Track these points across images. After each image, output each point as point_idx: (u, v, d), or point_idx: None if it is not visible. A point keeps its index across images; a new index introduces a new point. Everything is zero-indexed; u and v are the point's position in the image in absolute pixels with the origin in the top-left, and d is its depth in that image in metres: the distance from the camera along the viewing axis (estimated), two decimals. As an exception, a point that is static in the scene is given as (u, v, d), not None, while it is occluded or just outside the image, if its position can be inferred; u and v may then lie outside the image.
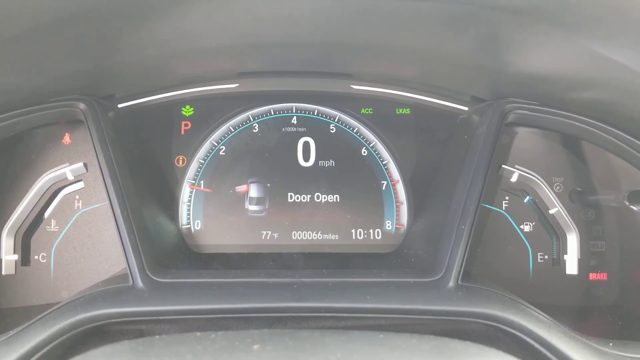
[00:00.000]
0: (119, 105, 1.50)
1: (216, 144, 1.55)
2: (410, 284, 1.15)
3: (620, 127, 1.31)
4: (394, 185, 1.55)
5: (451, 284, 1.14)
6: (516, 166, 1.47)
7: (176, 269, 1.24)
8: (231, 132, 1.56)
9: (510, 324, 1.04)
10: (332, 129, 1.57)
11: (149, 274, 1.15)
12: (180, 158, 1.55)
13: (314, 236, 1.50)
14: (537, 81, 1.27)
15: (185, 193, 1.53)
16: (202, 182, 1.54)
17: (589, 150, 1.46)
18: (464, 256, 1.18)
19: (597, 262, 1.46)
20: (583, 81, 1.18)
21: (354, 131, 1.57)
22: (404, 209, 1.54)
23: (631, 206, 1.35)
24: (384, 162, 1.56)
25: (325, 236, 1.51)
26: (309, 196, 1.53)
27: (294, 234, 1.51)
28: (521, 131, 1.48)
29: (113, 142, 1.33)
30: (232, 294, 1.09)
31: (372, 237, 1.52)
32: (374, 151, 1.56)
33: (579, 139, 1.43)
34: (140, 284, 1.14)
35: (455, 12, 0.99)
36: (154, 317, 1.07)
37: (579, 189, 1.47)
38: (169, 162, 1.55)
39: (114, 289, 1.14)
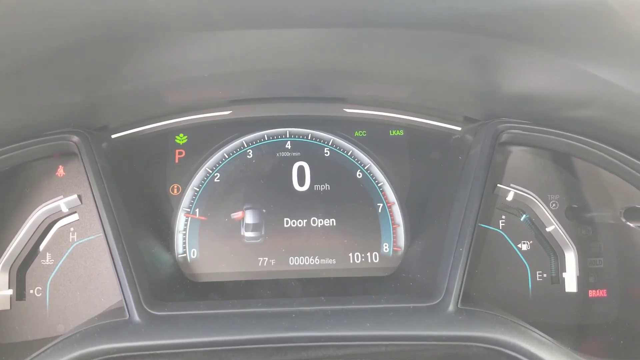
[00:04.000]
0: (113, 136, 1.50)
1: (211, 172, 1.55)
2: (410, 309, 1.15)
3: (613, 144, 1.32)
4: (390, 207, 1.54)
5: (451, 308, 1.14)
6: (511, 185, 1.47)
7: (173, 301, 1.22)
8: (225, 159, 1.56)
9: (512, 347, 1.03)
10: (327, 153, 1.57)
11: (146, 307, 1.14)
12: (175, 186, 1.54)
13: (311, 261, 1.50)
14: (529, 101, 1.27)
15: (181, 222, 1.52)
16: (197, 210, 1.53)
17: (583, 167, 1.46)
18: (462, 279, 1.18)
19: (596, 279, 1.45)
20: (575, 100, 1.19)
21: (349, 154, 1.57)
22: (401, 231, 1.53)
23: (628, 222, 1.35)
24: (379, 185, 1.55)
25: (323, 261, 1.50)
26: (305, 221, 1.52)
27: (291, 259, 1.50)
28: (515, 150, 1.49)
29: (107, 174, 1.32)
30: (230, 326, 1.08)
31: (369, 261, 1.51)
32: (369, 174, 1.56)
33: (572, 156, 1.43)
34: (136, 317, 1.12)
35: (446, 37, 1.00)
36: (152, 352, 1.05)
37: (575, 206, 1.47)
38: (164, 191, 1.54)
39: (111, 323, 1.12)
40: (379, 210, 1.54)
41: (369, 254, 1.51)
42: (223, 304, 1.18)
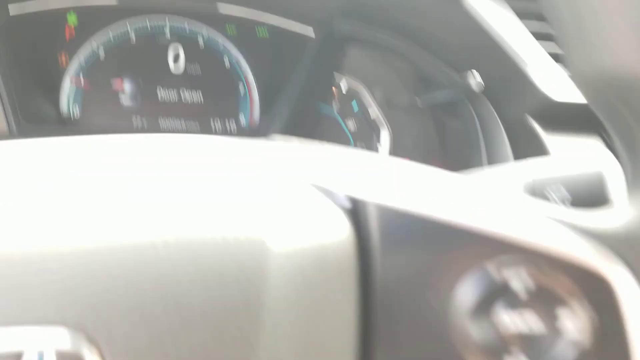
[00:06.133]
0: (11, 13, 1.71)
1: (97, 48, 1.79)
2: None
3: (432, 50, 1.70)
4: (250, 91, 1.87)
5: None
6: (345, 77, 1.83)
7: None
8: (111, 39, 1.81)
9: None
10: (201, 42, 1.86)
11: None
12: (64, 58, 1.78)
13: (179, 125, 1.79)
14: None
15: (66, 86, 1.76)
16: (82, 79, 1.78)
17: (402, 64, 1.84)
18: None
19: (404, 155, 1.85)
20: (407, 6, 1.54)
21: (220, 45, 1.87)
22: (257, 108, 1.86)
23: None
24: (243, 74, 1.87)
25: (188, 124, 1.80)
26: (176, 96, 1.82)
27: (162, 122, 1.79)
28: (352, 46, 1.84)
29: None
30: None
31: (228, 129, 1.82)
32: (236, 64, 1.87)
33: (396, 54, 1.80)
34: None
35: None
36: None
37: (393, 96, 1.86)
38: (54, 62, 1.77)
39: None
40: (242, 93, 1.86)
41: (227, 123, 1.83)
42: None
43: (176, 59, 1.83)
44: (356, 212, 0.56)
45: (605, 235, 0.52)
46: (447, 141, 1.78)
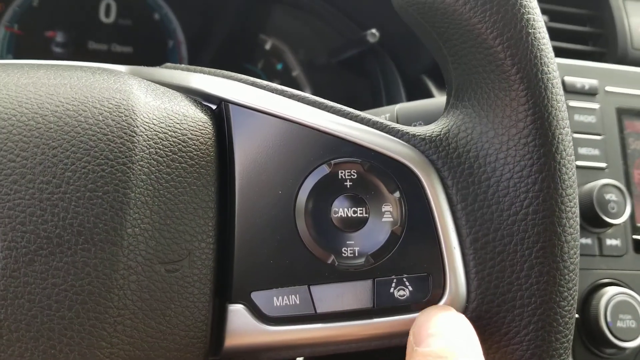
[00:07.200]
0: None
1: (31, -2, 1.86)
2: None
3: (343, 9, 1.79)
4: (178, 45, 1.94)
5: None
6: (272, 39, 1.91)
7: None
8: (44, -13, 1.87)
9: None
10: (132, -5, 1.93)
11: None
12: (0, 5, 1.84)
13: (106, 75, 1.86)
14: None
15: (0, 33, 1.83)
16: (16, 25, 1.84)
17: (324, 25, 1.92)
18: None
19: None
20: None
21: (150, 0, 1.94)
22: (185, 62, 1.93)
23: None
24: (172, 27, 1.94)
25: (115, 75, 1.87)
26: (106, 46, 1.88)
27: (89, 71, 1.86)
28: (277, 8, 1.92)
29: None
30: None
31: (155, 81, 1.90)
32: (165, 17, 1.94)
33: (319, 15, 1.88)
34: None
35: None
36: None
37: (315, 57, 1.94)
38: (-11, 7, 1.83)
39: None
40: (170, 46, 1.93)
41: (155, 75, 1.91)
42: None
43: (107, 11, 1.89)
44: (219, 109, 0.64)
45: (420, 140, 0.61)
46: (357, 98, 1.87)
